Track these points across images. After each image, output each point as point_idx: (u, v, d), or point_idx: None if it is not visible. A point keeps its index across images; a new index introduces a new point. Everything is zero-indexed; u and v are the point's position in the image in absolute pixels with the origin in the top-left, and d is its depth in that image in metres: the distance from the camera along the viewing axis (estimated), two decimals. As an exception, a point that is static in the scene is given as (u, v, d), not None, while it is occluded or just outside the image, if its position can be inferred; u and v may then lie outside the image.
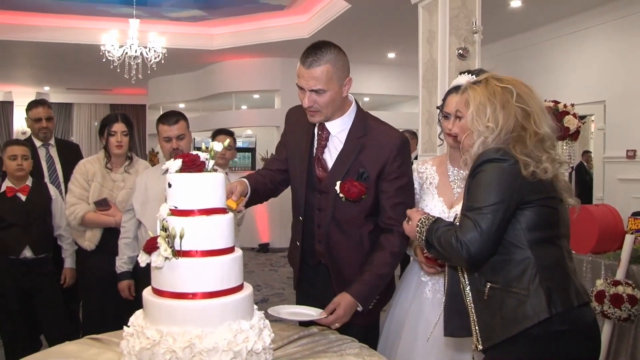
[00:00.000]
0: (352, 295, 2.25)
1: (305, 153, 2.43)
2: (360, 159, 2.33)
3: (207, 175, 1.79)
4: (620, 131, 6.76)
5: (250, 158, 13.65)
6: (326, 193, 2.38)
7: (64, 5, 8.24)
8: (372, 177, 2.32)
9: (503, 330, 1.81)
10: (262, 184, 2.48)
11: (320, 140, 2.42)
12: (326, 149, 2.41)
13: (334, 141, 2.40)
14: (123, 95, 15.08)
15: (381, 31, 8.06)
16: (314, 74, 2.21)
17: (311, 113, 2.32)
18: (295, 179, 2.50)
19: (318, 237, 2.44)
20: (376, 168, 2.32)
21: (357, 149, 2.34)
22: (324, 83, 2.22)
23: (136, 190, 3.35)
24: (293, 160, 2.51)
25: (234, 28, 9.35)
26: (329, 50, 2.23)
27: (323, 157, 2.41)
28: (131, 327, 1.75)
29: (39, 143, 4.35)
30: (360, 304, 2.26)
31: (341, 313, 2.20)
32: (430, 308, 2.46)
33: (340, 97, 2.31)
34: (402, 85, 10.73)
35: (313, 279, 2.54)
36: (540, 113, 1.91)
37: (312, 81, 2.22)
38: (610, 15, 6.80)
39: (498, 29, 7.63)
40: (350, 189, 2.29)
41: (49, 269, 3.83)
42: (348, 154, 2.35)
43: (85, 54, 9.54)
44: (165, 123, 3.26)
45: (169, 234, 1.68)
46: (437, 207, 2.48)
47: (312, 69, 2.21)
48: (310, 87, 2.23)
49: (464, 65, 4.70)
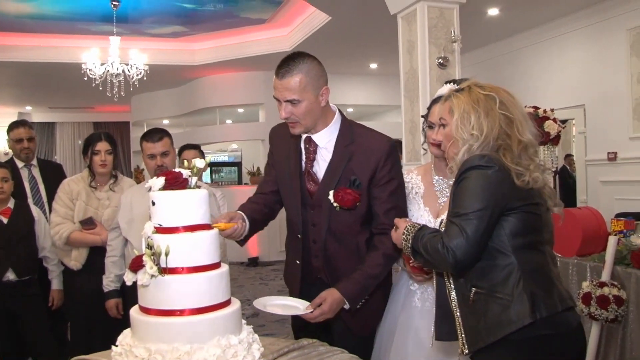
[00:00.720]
0: (341, 292, 2.25)
1: (295, 170, 2.43)
2: (350, 167, 2.33)
3: (190, 192, 1.80)
4: (600, 134, 6.85)
5: (236, 172, 13.66)
6: (319, 207, 2.38)
7: (44, 25, 8.22)
8: (364, 184, 2.33)
9: (488, 334, 1.82)
10: (258, 212, 2.47)
11: (308, 154, 2.42)
12: (315, 162, 2.42)
13: (322, 153, 2.41)
14: (106, 113, 15.01)
15: (362, 42, 8.12)
16: (287, 85, 2.23)
17: (291, 125, 2.33)
18: (288, 198, 2.49)
19: (314, 253, 2.44)
20: (367, 174, 2.33)
21: (346, 157, 2.34)
22: (298, 93, 2.23)
23: (122, 208, 3.34)
24: (283, 179, 2.50)
25: (215, 43, 9.36)
26: (302, 61, 2.25)
27: (312, 170, 2.42)
28: (119, 347, 1.75)
29: (21, 164, 4.32)
30: (348, 302, 2.26)
31: (326, 309, 2.20)
32: (420, 316, 2.47)
33: (318, 107, 2.32)
34: (385, 95, 10.79)
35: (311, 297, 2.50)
36: (523, 120, 1.93)
37: (286, 92, 2.24)
38: (586, 21, 6.91)
39: (477, 37, 7.72)
40: (345, 197, 2.30)
41: (34, 291, 3.79)
42: (338, 163, 2.35)
43: (67, 72, 9.51)
44: (149, 140, 3.27)
45: (155, 251, 1.68)
46: (423, 216, 2.49)
47: (285, 80, 2.23)
48: (285, 97, 2.25)
49: (444, 74, 4.75)
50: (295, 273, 2.53)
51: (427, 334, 2.40)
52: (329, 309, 2.21)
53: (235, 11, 8.03)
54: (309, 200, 2.41)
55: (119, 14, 7.59)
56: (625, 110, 6.45)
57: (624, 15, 6.41)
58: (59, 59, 9.02)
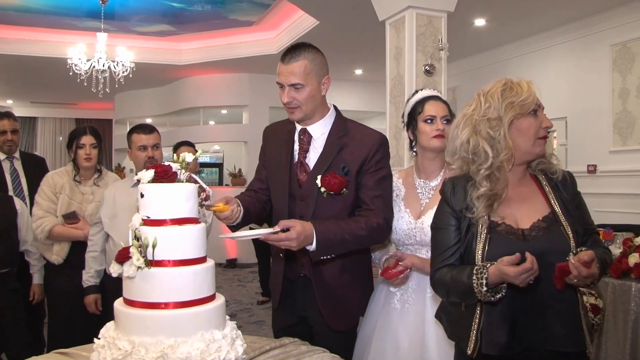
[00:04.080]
0: (315, 229, 2.19)
1: (285, 162, 2.46)
2: (341, 156, 2.38)
3: (179, 185, 1.80)
4: (580, 146, 6.96)
5: (217, 173, 13.60)
6: (307, 197, 2.38)
7: (29, 18, 8.15)
8: (353, 172, 2.37)
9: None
10: (252, 204, 2.48)
11: (302, 144, 2.47)
12: (308, 153, 2.46)
13: (315, 145, 2.46)
14: (89, 110, 14.89)
15: (349, 48, 8.16)
16: (292, 69, 2.32)
17: (291, 110, 2.39)
18: (276, 189, 2.51)
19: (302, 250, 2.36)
20: (357, 162, 2.37)
21: (338, 147, 2.39)
22: (302, 77, 2.32)
23: (104, 203, 3.33)
24: (273, 174, 2.53)
25: (202, 43, 9.35)
26: (307, 49, 2.36)
27: (305, 161, 2.46)
28: (102, 339, 1.74)
29: (3, 156, 4.28)
30: (316, 244, 2.20)
31: (293, 235, 2.11)
32: (398, 319, 2.48)
33: (319, 94, 2.40)
34: (370, 101, 10.85)
35: (293, 292, 2.51)
36: None
37: (291, 76, 2.32)
38: (571, 35, 7.03)
39: (464, 46, 7.81)
40: (331, 181, 2.32)
41: (13, 285, 3.73)
42: (329, 153, 2.40)
43: (51, 67, 9.43)
44: (141, 132, 3.30)
45: (142, 243, 1.68)
46: (403, 218, 2.51)
47: (291, 65, 2.32)
48: (289, 81, 2.33)
49: (430, 81, 4.79)
50: (278, 267, 2.53)
51: (405, 336, 2.42)
52: (296, 236, 2.11)
53: (223, 12, 8.03)
54: (298, 191, 2.42)
55: (106, 10, 7.54)
56: (606, 124, 6.56)
57: (608, 31, 6.53)
58: (43, 53, 8.93)
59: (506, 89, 1.90)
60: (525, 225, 1.87)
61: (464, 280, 1.80)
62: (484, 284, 1.73)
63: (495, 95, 1.90)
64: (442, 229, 1.97)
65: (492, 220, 1.88)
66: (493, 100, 1.89)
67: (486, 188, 1.86)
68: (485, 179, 1.87)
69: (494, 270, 1.72)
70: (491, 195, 1.86)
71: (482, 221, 1.87)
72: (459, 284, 1.82)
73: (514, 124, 1.87)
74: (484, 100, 1.92)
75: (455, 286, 1.85)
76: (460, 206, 1.93)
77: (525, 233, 1.86)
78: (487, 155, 1.86)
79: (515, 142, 1.87)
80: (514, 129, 1.87)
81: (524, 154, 1.91)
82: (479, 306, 1.86)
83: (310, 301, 2.44)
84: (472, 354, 1.85)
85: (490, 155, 1.86)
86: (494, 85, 1.95)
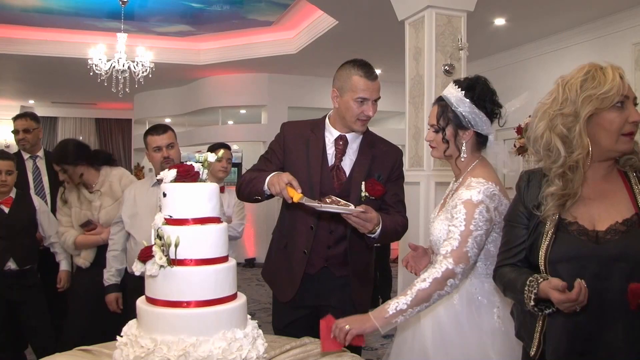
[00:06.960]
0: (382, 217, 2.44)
1: (317, 165, 2.61)
2: (375, 164, 2.65)
3: (201, 185, 1.82)
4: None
5: (236, 173, 13.64)
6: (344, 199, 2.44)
7: (50, 19, 8.23)
8: (384, 180, 2.66)
9: None
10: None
11: (337, 150, 2.67)
12: (344, 157, 2.67)
13: (349, 152, 2.67)
14: (108, 110, 15.01)
15: (368, 48, 8.13)
16: (378, 86, 2.61)
17: (365, 122, 2.61)
18: (303, 190, 2.51)
19: (328, 244, 2.63)
20: (386, 173, 2.67)
21: (370, 156, 2.66)
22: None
23: (124, 202, 3.36)
24: (299, 172, 2.54)
25: (221, 43, 9.37)
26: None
27: (341, 165, 2.66)
28: (125, 337, 1.76)
29: (27, 155, 4.36)
30: (380, 230, 2.43)
31: (374, 214, 2.37)
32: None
33: None
34: (388, 101, 10.73)
35: (311, 286, 2.65)
36: None
37: (378, 92, 2.60)
38: (592, 34, 6.94)
39: (483, 46, 7.74)
40: (375, 187, 2.59)
41: (34, 281, 3.81)
42: (364, 161, 2.65)
43: (72, 67, 9.50)
44: (154, 133, 3.32)
45: (164, 242, 1.69)
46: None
47: (377, 81, 2.60)
48: (376, 97, 2.58)
49: (449, 81, 4.74)
50: (300, 263, 2.63)
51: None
52: (375, 216, 2.37)
53: (242, 13, 8.05)
54: (334, 193, 2.51)
55: (126, 11, 7.59)
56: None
57: (630, 29, 6.44)
58: (64, 54, 9.01)
59: (587, 78, 1.72)
60: (602, 227, 1.69)
61: (517, 288, 1.73)
62: (532, 298, 1.65)
63: (574, 86, 1.73)
64: (512, 225, 1.89)
65: (563, 219, 1.74)
66: (571, 92, 1.72)
67: (557, 187, 1.72)
68: (557, 178, 1.73)
69: (544, 287, 1.62)
70: (562, 194, 1.72)
71: (550, 219, 1.75)
72: (514, 291, 1.77)
73: (594, 119, 1.69)
74: (562, 92, 1.75)
75: (510, 290, 1.81)
76: (532, 202, 1.81)
77: (600, 235, 1.68)
78: (559, 154, 1.71)
79: (595, 137, 1.69)
80: (594, 124, 1.69)
81: (606, 152, 1.72)
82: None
83: (332, 289, 2.65)
84: (535, 356, 1.79)
85: (563, 154, 1.71)
86: (576, 73, 1.78)
